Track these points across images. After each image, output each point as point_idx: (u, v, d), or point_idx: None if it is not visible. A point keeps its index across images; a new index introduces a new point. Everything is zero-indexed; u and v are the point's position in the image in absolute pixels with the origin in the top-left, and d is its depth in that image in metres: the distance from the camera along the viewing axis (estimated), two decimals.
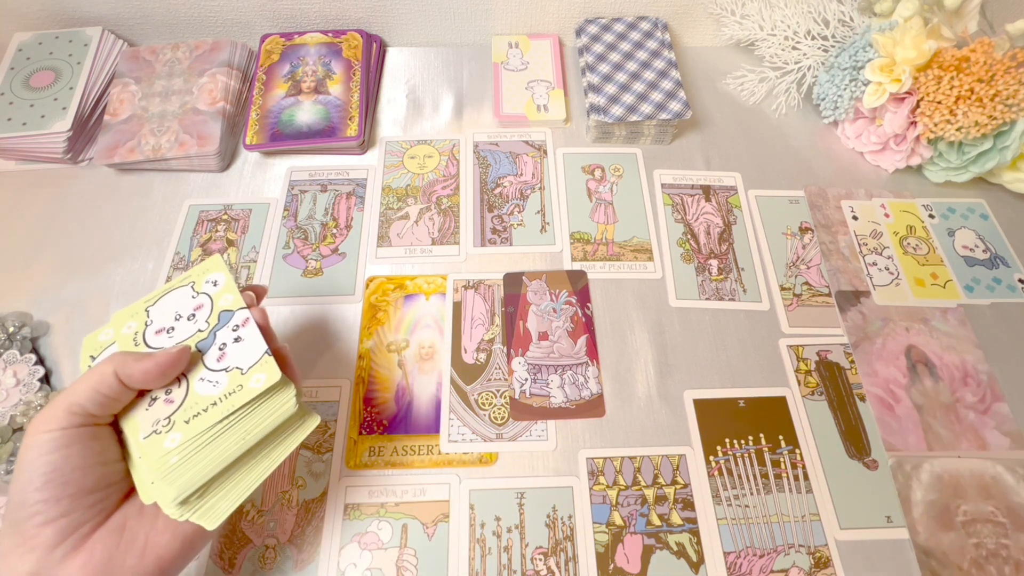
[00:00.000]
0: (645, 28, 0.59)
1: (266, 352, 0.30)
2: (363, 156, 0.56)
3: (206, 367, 0.30)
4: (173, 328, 0.31)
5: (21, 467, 0.26)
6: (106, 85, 0.57)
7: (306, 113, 0.55)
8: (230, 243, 0.50)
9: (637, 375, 0.45)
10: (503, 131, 0.57)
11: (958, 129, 0.48)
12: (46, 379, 0.44)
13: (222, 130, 0.53)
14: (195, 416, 0.28)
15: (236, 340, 0.30)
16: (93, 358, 0.31)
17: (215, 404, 0.28)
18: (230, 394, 0.29)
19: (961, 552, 0.38)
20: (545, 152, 0.56)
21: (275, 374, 0.29)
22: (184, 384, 0.29)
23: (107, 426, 0.28)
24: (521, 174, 0.54)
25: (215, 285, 0.33)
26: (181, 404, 0.28)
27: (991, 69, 0.48)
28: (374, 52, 0.60)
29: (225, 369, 0.29)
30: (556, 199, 0.53)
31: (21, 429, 0.41)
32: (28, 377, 0.43)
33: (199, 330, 0.31)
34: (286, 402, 0.30)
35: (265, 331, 0.31)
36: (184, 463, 0.27)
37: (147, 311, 0.32)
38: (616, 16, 0.61)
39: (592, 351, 0.46)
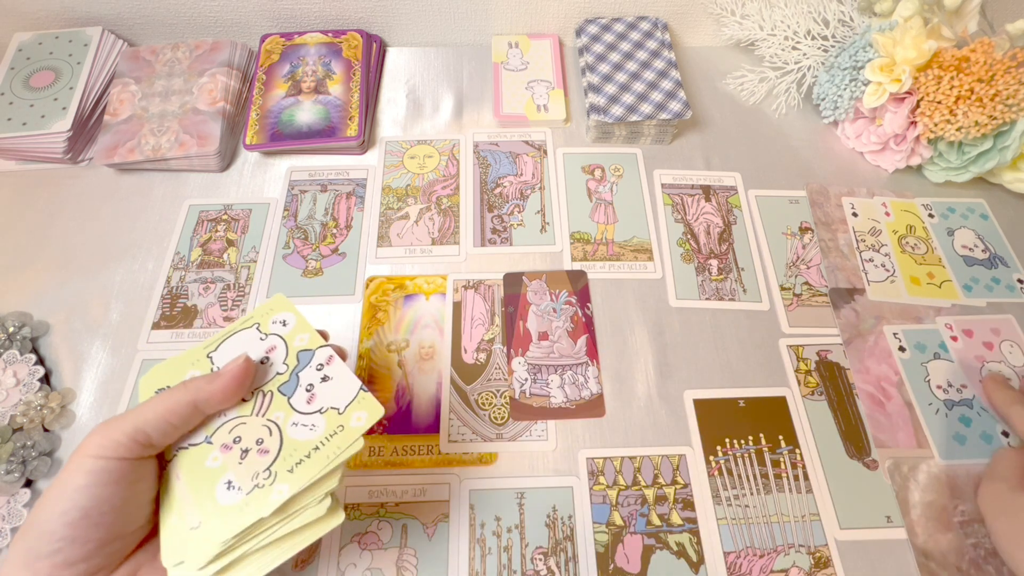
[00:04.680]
0: (645, 28, 0.59)
1: (362, 388, 0.29)
2: (363, 156, 0.56)
3: (296, 411, 0.28)
4: None
5: (61, 490, 0.23)
6: (106, 85, 0.57)
7: (306, 113, 0.55)
8: (230, 243, 0.50)
9: (637, 375, 0.45)
10: (503, 131, 0.57)
11: (958, 129, 0.49)
12: (46, 379, 0.44)
13: (222, 130, 0.53)
14: (298, 464, 0.27)
15: (324, 380, 0.29)
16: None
17: (317, 448, 0.27)
18: (332, 436, 0.27)
19: (960, 553, 0.38)
20: (545, 152, 0.56)
21: (377, 410, 0.28)
22: (276, 432, 0.27)
23: (153, 460, 0.26)
24: (521, 174, 0.54)
25: (284, 325, 0.31)
26: (279, 453, 0.27)
27: (991, 69, 0.48)
28: (374, 52, 0.60)
29: (319, 411, 0.28)
30: (556, 199, 0.53)
31: (21, 429, 0.41)
32: (28, 377, 0.43)
33: (278, 373, 0.29)
34: (328, 490, 0.28)
35: None
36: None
37: (210, 357, 0.30)
38: (616, 16, 0.61)
39: (592, 351, 0.46)
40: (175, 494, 0.26)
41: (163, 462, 0.27)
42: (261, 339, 0.30)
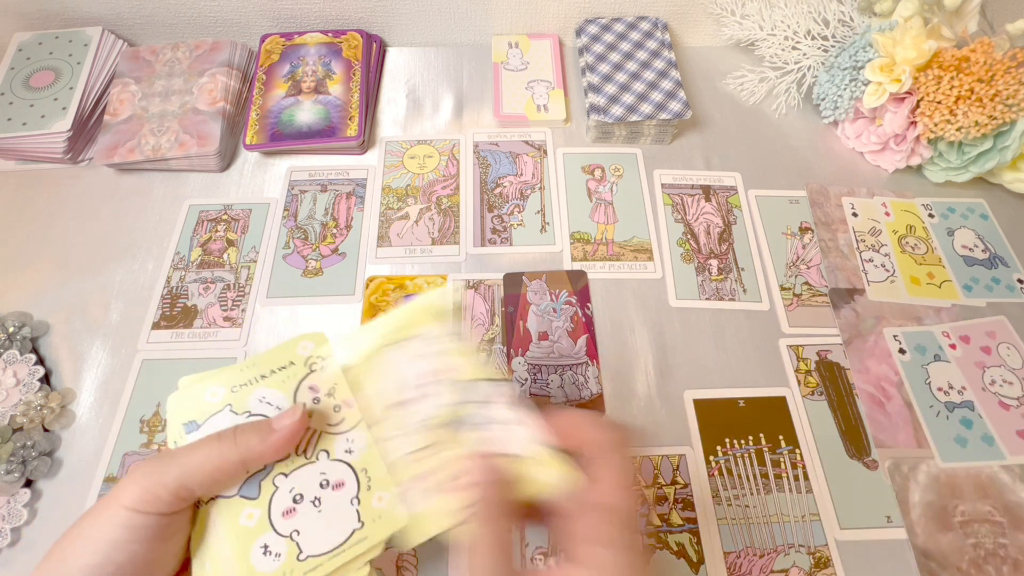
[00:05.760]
0: (645, 28, 0.59)
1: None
2: (363, 156, 0.56)
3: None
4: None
5: (95, 542, 0.22)
6: (106, 85, 0.57)
7: (306, 113, 0.55)
8: (230, 243, 0.50)
9: (637, 375, 0.45)
10: (503, 131, 0.57)
11: (958, 129, 0.49)
12: (46, 379, 0.44)
13: (222, 130, 0.53)
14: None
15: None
16: (197, 424, 0.27)
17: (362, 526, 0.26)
18: (376, 519, 0.26)
19: (960, 553, 0.38)
20: (545, 152, 0.56)
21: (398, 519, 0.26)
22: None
23: (191, 508, 0.25)
24: (521, 174, 0.54)
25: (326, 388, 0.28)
26: None
27: (991, 69, 0.48)
28: (374, 52, 0.60)
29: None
30: (556, 199, 0.53)
31: (21, 429, 0.41)
32: (28, 377, 0.43)
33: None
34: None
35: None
36: None
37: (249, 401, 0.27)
38: (616, 16, 0.61)
39: (592, 351, 0.46)
40: (210, 543, 0.25)
41: (198, 502, 0.25)
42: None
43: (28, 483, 0.40)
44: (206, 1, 0.58)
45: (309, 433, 0.27)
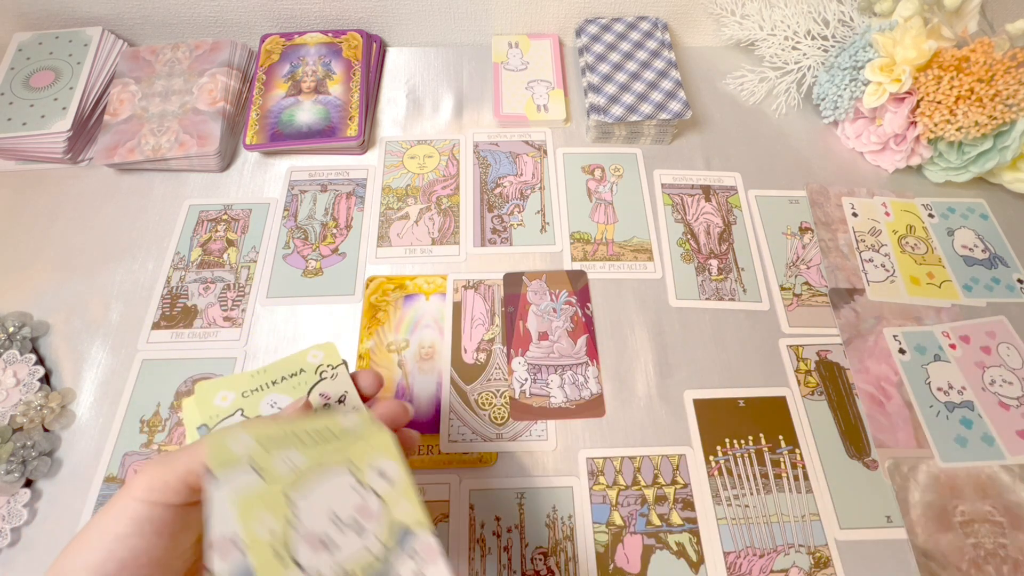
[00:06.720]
0: (645, 28, 0.59)
1: None
2: (363, 156, 0.56)
3: None
4: (332, 541, 0.22)
5: (99, 537, 0.21)
6: (106, 85, 0.57)
7: (306, 113, 0.55)
8: (230, 243, 0.50)
9: (637, 375, 0.45)
10: (503, 131, 0.57)
11: (958, 129, 0.49)
12: (46, 379, 0.44)
13: (222, 130, 0.53)
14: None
15: None
16: (208, 428, 0.26)
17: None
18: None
19: (960, 553, 0.38)
20: (545, 152, 0.56)
21: None
22: None
23: (199, 506, 0.24)
24: (521, 174, 0.54)
25: (383, 478, 0.24)
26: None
27: (991, 69, 0.48)
28: (374, 52, 0.60)
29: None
30: (556, 199, 0.53)
31: (21, 429, 0.41)
32: (28, 377, 0.43)
33: (367, 549, 0.22)
34: None
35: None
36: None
37: (288, 498, 0.22)
38: (616, 16, 0.61)
39: (592, 351, 0.46)
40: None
41: None
42: (354, 488, 0.24)
43: (28, 483, 0.40)
44: (206, 1, 0.58)
45: None
